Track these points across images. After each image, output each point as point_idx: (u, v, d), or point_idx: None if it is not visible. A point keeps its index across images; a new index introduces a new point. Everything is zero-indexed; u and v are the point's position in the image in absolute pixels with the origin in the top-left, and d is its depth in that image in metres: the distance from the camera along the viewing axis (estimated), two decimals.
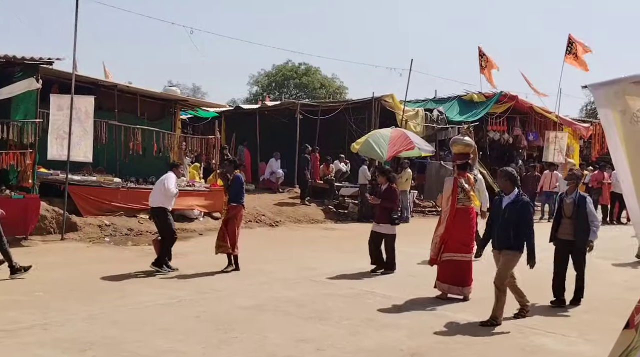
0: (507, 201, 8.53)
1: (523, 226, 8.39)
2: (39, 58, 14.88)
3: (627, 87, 4.16)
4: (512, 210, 8.41)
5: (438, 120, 25.70)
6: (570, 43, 26.92)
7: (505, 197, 8.58)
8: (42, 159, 15.39)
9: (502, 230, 8.43)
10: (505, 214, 8.44)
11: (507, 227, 8.38)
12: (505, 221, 8.41)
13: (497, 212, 8.64)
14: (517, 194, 8.52)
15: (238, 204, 11.91)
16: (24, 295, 9.30)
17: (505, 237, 8.41)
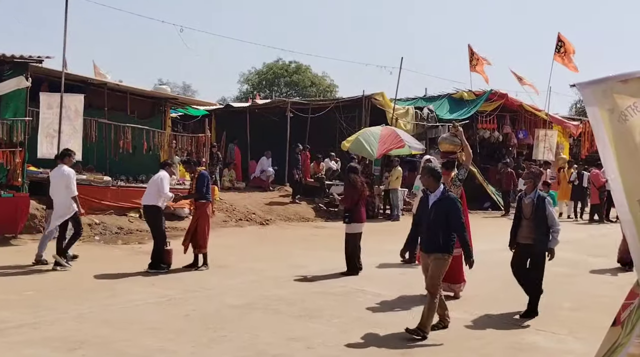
0: (433, 199, 7.90)
1: (453, 224, 7.77)
2: (29, 56, 14.85)
3: (614, 85, 4.19)
4: (439, 209, 7.79)
5: (428, 118, 25.74)
6: (559, 41, 27.02)
7: (431, 195, 7.94)
8: (32, 158, 15.32)
9: (430, 232, 7.83)
10: (432, 214, 7.82)
11: (436, 228, 7.77)
12: (432, 222, 7.79)
13: (424, 212, 8.03)
14: (443, 190, 7.90)
15: (205, 200, 11.92)
16: (13, 294, 9.26)
17: (434, 240, 7.79)
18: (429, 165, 8.36)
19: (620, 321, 4.54)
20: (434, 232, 7.77)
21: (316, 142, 25.22)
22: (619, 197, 4.25)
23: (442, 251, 7.76)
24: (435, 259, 7.76)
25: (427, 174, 8.05)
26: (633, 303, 4.45)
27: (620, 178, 4.21)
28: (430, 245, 7.85)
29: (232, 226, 18.20)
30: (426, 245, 7.95)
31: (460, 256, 9.99)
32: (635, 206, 4.19)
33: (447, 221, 7.74)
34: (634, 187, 4.18)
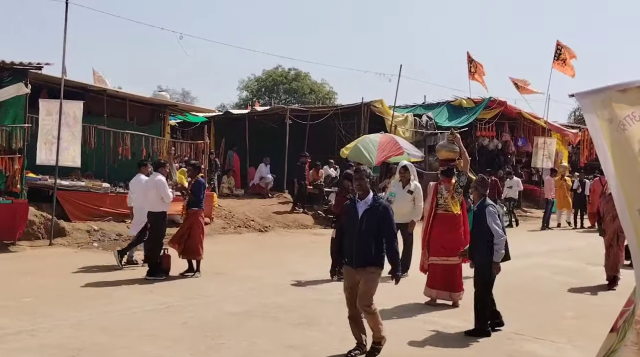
0: (364, 207, 7.11)
1: (385, 234, 7.06)
2: (28, 63, 14.87)
3: (613, 95, 4.20)
4: (371, 218, 6.99)
5: (427, 125, 25.76)
6: (558, 49, 27.07)
7: (361, 203, 7.15)
8: (31, 164, 15.31)
9: (361, 243, 7.02)
10: (363, 225, 7.01)
11: (368, 240, 7.01)
12: (363, 233, 6.99)
13: (352, 222, 7.16)
14: (374, 198, 7.13)
15: (198, 208, 11.87)
16: (11, 301, 9.24)
17: (366, 252, 7.01)
18: (360, 167, 7.43)
19: (617, 327, 4.55)
20: (366, 244, 7.01)
21: (315, 150, 25.22)
22: (620, 206, 4.26)
23: (376, 264, 7.07)
24: (368, 274, 7.03)
25: (358, 178, 7.17)
26: (629, 309, 4.46)
27: (621, 187, 4.22)
28: (361, 259, 7.04)
29: (231, 233, 18.18)
30: (356, 259, 7.07)
31: (460, 264, 10.02)
32: (635, 214, 4.19)
33: (379, 231, 7.03)
34: (634, 196, 4.18)
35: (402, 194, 12.16)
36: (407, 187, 12.19)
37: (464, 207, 10.41)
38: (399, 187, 12.32)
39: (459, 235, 10.06)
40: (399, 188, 12.30)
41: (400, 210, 11.36)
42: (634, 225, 4.18)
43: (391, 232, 7.11)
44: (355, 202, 7.20)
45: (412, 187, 12.20)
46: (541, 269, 12.96)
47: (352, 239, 7.12)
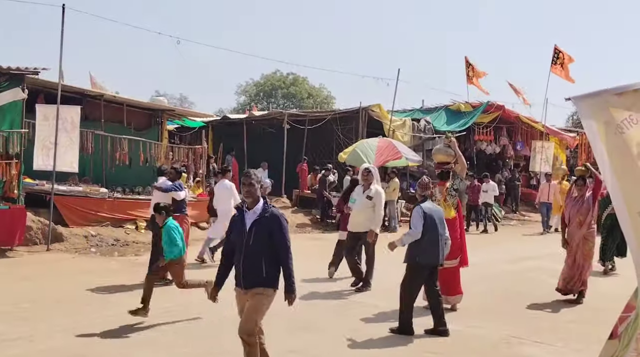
0: (252, 217, 6.03)
1: (278, 248, 6.00)
2: (25, 68, 14.85)
3: (610, 99, 4.19)
4: (260, 230, 5.95)
5: (425, 130, 25.80)
6: (556, 53, 27.09)
7: (249, 213, 6.06)
8: (28, 170, 15.30)
9: (249, 260, 6.00)
10: (251, 238, 5.96)
11: (256, 256, 5.97)
12: (251, 248, 5.97)
13: (239, 236, 6.07)
14: (264, 206, 6.05)
15: (180, 213, 11.66)
16: (9, 306, 9.22)
17: (255, 271, 5.99)
18: (250, 171, 6.21)
19: (618, 333, 4.52)
20: (254, 261, 5.98)
21: (313, 154, 25.23)
22: (620, 209, 4.25)
23: (266, 284, 6.02)
24: (255, 296, 6.05)
25: (247, 184, 6.04)
26: (630, 316, 4.44)
27: (620, 190, 4.21)
28: (250, 278, 6.04)
29: None
30: (244, 279, 6.09)
31: (458, 267, 10.01)
32: (635, 217, 4.18)
33: (271, 245, 5.97)
34: (633, 199, 4.17)
35: (361, 199, 11.31)
36: (367, 192, 11.26)
37: (460, 210, 10.39)
38: (359, 192, 11.49)
39: (455, 239, 10.01)
40: (360, 193, 11.47)
41: (358, 217, 11.21)
42: (634, 228, 4.17)
43: (285, 246, 6.00)
44: (243, 213, 6.10)
45: (373, 192, 11.21)
46: (540, 273, 12.94)
47: (239, 255, 6.07)
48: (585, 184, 10.86)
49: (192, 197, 18.48)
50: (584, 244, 10.68)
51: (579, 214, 10.63)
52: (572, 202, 10.90)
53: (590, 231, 10.71)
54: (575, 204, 10.78)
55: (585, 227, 10.64)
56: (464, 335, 8.41)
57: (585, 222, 10.63)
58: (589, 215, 10.63)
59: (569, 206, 10.95)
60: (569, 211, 10.86)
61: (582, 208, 10.66)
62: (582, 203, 10.72)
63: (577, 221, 10.67)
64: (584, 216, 10.61)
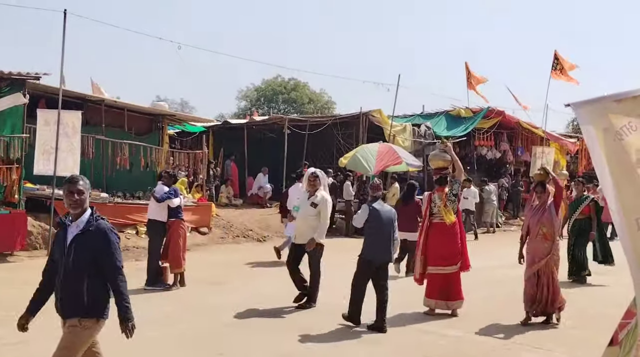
0: (74, 232, 5.05)
1: (106, 269, 5.04)
2: (26, 73, 14.88)
3: (609, 105, 4.19)
4: (82, 246, 4.97)
5: (426, 135, 25.78)
6: (556, 59, 27.08)
7: (72, 227, 5.07)
8: (29, 174, 15.31)
9: (68, 284, 5.02)
10: (71, 256, 4.97)
11: (78, 278, 4.98)
12: (72, 268, 4.97)
13: (59, 253, 5.11)
14: (89, 218, 5.06)
15: (176, 218, 11.74)
16: (9, 311, 9.19)
17: (75, 297, 5.00)
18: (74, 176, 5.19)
19: (618, 340, 4.51)
20: (75, 285, 4.99)
21: (313, 159, 25.22)
22: (617, 216, 4.24)
23: (87, 314, 5.05)
24: (71, 327, 5.10)
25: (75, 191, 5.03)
26: (630, 323, 4.43)
27: (618, 197, 4.21)
28: (68, 306, 5.08)
29: (229, 243, 18.16)
30: (62, 307, 5.14)
31: (459, 272, 10.01)
32: (632, 225, 4.18)
33: (96, 265, 5.01)
34: (631, 205, 4.17)
35: (306, 207, 10.34)
36: (312, 198, 10.27)
37: (460, 215, 10.42)
38: (304, 199, 10.54)
39: (455, 244, 10.04)
40: (304, 199, 10.51)
41: (302, 227, 10.35)
42: (631, 235, 4.17)
43: (113, 267, 5.05)
44: (66, 226, 5.09)
45: (318, 198, 10.23)
46: None
47: (58, 277, 5.09)
48: (546, 190, 9.69)
49: (192, 202, 18.51)
50: (549, 259, 9.44)
51: (541, 225, 9.46)
52: (532, 211, 9.77)
53: (555, 244, 9.49)
54: (536, 213, 9.62)
55: (550, 240, 9.44)
56: (465, 340, 8.42)
57: (549, 234, 9.45)
58: (552, 225, 9.46)
59: (528, 215, 9.84)
60: (529, 221, 9.71)
61: (543, 218, 9.48)
62: (543, 212, 9.54)
63: (539, 233, 9.47)
64: (547, 227, 9.44)
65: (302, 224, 10.31)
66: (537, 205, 9.68)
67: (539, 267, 9.36)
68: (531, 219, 9.61)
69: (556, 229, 9.52)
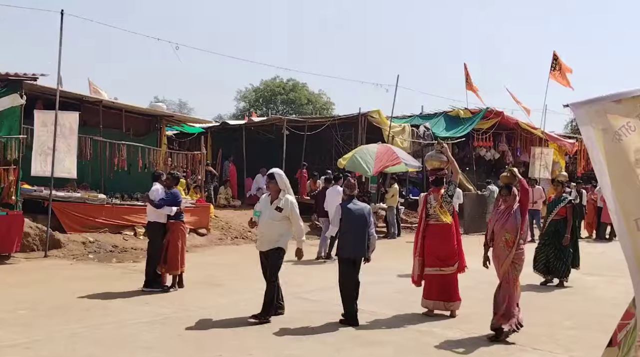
0: None
1: None
2: (23, 74, 14.86)
3: (607, 105, 4.18)
4: None
5: (424, 136, 25.79)
6: (555, 59, 27.06)
7: None
8: (26, 175, 15.28)
9: None
10: None
11: None
12: None
13: None
14: None
15: (176, 220, 11.69)
16: (6, 313, 9.19)
17: None
18: None
19: (617, 341, 4.50)
20: None
21: (312, 160, 25.22)
22: (616, 216, 4.23)
23: None
24: None
25: None
26: (629, 323, 4.41)
27: (616, 197, 4.19)
28: None
29: (228, 244, 18.15)
30: None
31: (456, 274, 10.00)
32: (632, 225, 4.17)
33: None
34: (630, 206, 4.16)
35: (270, 212, 9.48)
36: (276, 202, 9.46)
37: (456, 216, 10.42)
38: (266, 203, 9.65)
39: (452, 244, 10.02)
40: (266, 204, 9.63)
41: (267, 233, 9.51)
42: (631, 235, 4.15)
43: None
44: None
45: (283, 202, 9.43)
46: (538, 279, 12.91)
47: None
48: (511, 193, 8.87)
49: (190, 203, 18.49)
50: (511, 269, 8.64)
51: (505, 231, 8.68)
52: (497, 215, 8.99)
53: (519, 253, 8.68)
54: (501, 217, 8.84)
55: (514, 248, 8.62)
56: (464, 341, 8.39)
57: (511, 241, 8.64)
58: (515, 232, 8.65)
59: (493, 219, 9.08)
60: (493, 225, 8.94)
61: (507, 223, 8.69)
62: (508, 217, 8.75)
63: (502, 240, 8.69)
64: (511, 234, 8.65)
65: (267, 230, 9.48)
66: (503, 209, 8.93)
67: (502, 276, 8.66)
68: (495, 224, 8.87)
69: (520, 235, 8.67)
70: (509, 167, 10.10)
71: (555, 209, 13.17)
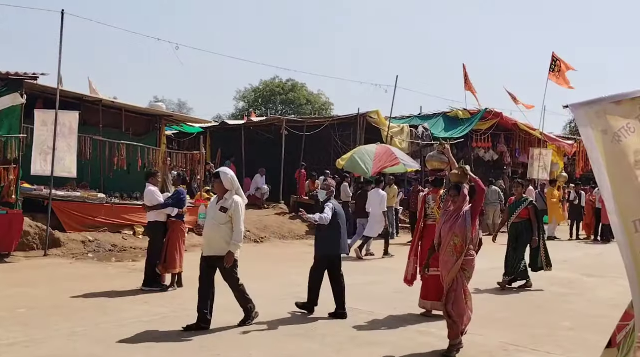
0: None
1: None
2: (24, 73, 14.87)
3: (607, 106, 4.19)
4: None
5: (423, 136, 25.82)
6: (554, 60, 27.10)
7: None
8: (26, 174, 15.28)
9: None
10: None
11: None
12: None
13: None
14: None
15: (176, 219, 11.72)
16: (5, 311, 9.20)
17: None
18: None
19: (616, 342, 4.51)
20: None
21: (311, 160, 25.23)
22: (614, 218, 4.24)
23: None
24: None
25: None
26: (628, 325, 4.42)
27: (615, 199, 4.20)
28: None
29: None
30: None
31: None
32: (630, 226, 4.18)
33: None
34: (629, 207, 4.17)
35: (214, 213, 8.82)
36: (221, 202, 8.77)
37: None
38: (212, 204, 9.10)
39: None
40: (212, 204, 9.05)
41: (210, 235, 8.89)
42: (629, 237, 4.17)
43: None
44: None
45: (229, 202, 8.73)
46: (537, 280, 12.91)
47: None
48: (460, 193, 8.11)
49: (189, 202, 18.45)
50: (459, 277, 7.97)
51: (453, 234, 7.89)
52: (444, 217, 8.21)
53: (468, 259, 7.93)
54: (449, 220, 8.04)
55: (461, 252, 7.89)
56: (463, 342, 8.39)
57: (459, 246, 7.90)
58: (464, 236, 7.86)
59: (440, 222, 8.32)
60: (440, 228, 8.21)
61: (455, 226, 7.90)
62: (456, 219, 7.95)
63: (450, 244, 7.93)
64: (459, 238, 7.86)
65: (210, 233, 8.83)
66: (452, 211, 8.11)
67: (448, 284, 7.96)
68: (442, 227, 8.11)
69: (470, 239, 7.92)
70: (460, 163, 9.43)
71: (516, 211, 12.81)
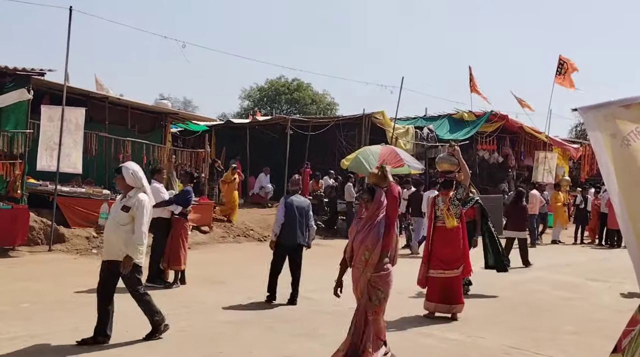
0: None
1: None
2: (31, 69, 14.91)
3: (616, 110, 4.18)
4: None
5: (428, 138, 25.80)
6: (560, 64, 27.02)
7: None
8: (32, 170, 15.32)
9: None
10: None
11: None
12: None
13: None
14: None
15: (180, 216, 11.73)
16: (9, 306, 9.22)
17: None
18: None
19: (622, 347, 4.49)
20: None
21: (315, 160, 25.23)
22: (623, 222, 4.22)
23: None
24: None
25: None
26: (634, 330, 4.40)
27: (624, 203, 4.19)
28: None
29: (230, 242, 18.16)
30: None
31: (460, 277, 9.99)
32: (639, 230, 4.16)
33: None
34: (638, 211, 4.15)
35: (116, 212, 7.83)
36: (124, 200, 7.77)
37: (463, 219, 10.32)
38: (116, 202, 8.08)
39: (456, 249, 9.93)
40: (116, 203, 8.03)
41: (110, 238, 7.77)
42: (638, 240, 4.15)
43: None
44: None
45: (132, 201, 7.70)
46: (541, 284, 12.90)
47: None
48: (375, 198, 6.95)
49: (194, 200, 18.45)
50: (370, 294, 6.97)
51: (364, 248, 6.88)
52: (357, 226, 7.09)
53: (382, 275, 6.94)
54: (361, 230, 6.97)
55: (371, 268, 6.90)
56: (464, 345, 8.39)
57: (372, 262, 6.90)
58: (377, 247, 6.85)
59: (353, 232, 7.13)
60: (353, 238, 7.09)
61: (368, 236, 6.87)
62: (369, 230, 6.89)
63: (362, 259, 6.93)
64: (370, 252, 6.86)
65: (109, 234, 7.76)
66: (364, 219, 7.04)
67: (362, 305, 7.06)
68: (355, 237, 7.02)
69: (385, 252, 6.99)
70: (382, 163, 8.53)
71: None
